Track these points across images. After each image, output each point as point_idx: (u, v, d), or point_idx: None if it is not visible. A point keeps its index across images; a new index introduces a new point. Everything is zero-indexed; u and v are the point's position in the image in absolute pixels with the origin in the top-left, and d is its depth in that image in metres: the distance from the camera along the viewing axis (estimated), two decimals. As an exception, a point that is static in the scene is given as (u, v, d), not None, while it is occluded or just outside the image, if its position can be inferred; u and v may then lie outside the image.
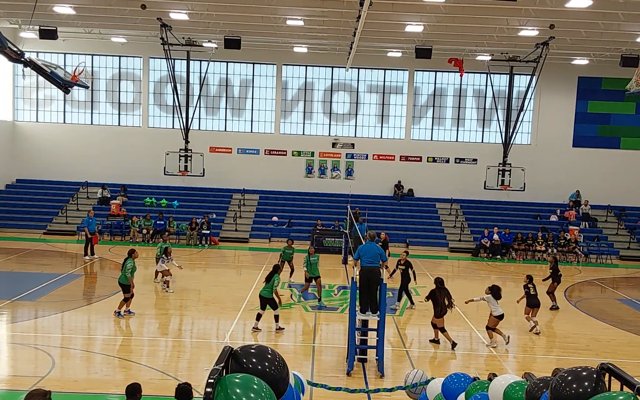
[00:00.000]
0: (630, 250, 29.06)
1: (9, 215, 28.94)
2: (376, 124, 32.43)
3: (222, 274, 22.05)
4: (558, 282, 17.83)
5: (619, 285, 23.32)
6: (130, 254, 15.17)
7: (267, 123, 32.26)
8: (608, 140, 32.03)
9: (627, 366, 6.56)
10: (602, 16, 21.13)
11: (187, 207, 30.18)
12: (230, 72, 32.07)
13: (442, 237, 29.72)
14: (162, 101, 32.05)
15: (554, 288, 17.77)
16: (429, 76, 32.19)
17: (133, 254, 15.23)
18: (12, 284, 18.37)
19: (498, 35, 23.87)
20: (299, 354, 12.98)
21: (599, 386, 4.07)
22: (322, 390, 9.62)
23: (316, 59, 31.19)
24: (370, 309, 12.02)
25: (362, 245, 12.61)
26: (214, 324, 15.26)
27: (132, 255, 15.15)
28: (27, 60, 18.46)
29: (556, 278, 17.75)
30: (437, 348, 13.88)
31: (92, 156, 31.42)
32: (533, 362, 13.21)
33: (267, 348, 4.35)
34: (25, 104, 32.04)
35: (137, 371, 11.41)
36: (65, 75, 20.86)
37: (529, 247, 27.74)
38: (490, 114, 31.60)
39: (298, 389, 5.17)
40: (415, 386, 8.34)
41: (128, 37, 29.29)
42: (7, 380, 10.85)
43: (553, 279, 17.77)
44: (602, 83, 31.43)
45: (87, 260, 22.26)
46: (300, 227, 29.25)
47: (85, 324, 14.73)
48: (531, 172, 29.91)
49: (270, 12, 22.39)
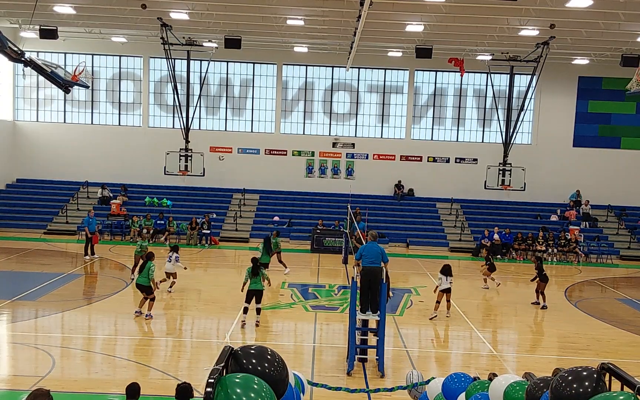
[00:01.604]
0: (630, 250, 29.04)
1: (9, 215, 28.95)
2: (376, 123, 32.43)
3: (223, 274, 22.05)
4: (545, 281, 17.81)
5: (620, 285, 23.31)
6: (150, 258, 15.16)
7: (268, 123, 32.26)
8: (608, 140, 32.02)
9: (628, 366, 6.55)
10: (602, 16, 21.11)
11: (188, 206, 30.19)
12: (230, 72, 32.07)
13: (442, 237, 29.72)
14: (163, 101, 32.06)
15: (542, 287, 17.80)
16: (429, 76, 32.18)
17: (153, 258, 15.23)
18: (12, 284, 18.36)
19: (498, 35, 23.87)
20: (299, 353, 12.97)
21: (600, 386, 4.07)
22: (323, 390, 9.61)
23: (316, 58, 31.19)
24: (370, 308, 12.02)
25: (363, 245, 12.60)
26: (214, 324, 15.26)
27: (152, 258, 15.17)
28: (28, 60, 18.45)
29: (543, 278, 17.77)
30: (436, 347, 13.88)
31: (92, 156, 31.43)
32: (533, 362, 13.20)
33: (267, 348, 4.36)
34: (25, 104, 32.05)
35: (138, 371, 11.41)
36: (66, 75, 20.86)
37: (529, 247, 27.72)
38: (491, 113, 31.59)
39: (298, 389, 5.17)
40: (416, 386, 8.34)
41: (128, 36, 29.29)
42: (7, 380, 10.85)
43: (540, 279, 17.82)
44: (603, 83, 31.42)
45: (87, 260, 22.26)
46: (301, 227, 29.26)
47: (86, 323, 14.73)
48: (531, 172, 29.90)
49: (271, 12, 22.38)
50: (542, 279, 17.78)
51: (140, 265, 15.23)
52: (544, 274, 17.79)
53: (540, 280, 17.80)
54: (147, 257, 15.34)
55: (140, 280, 14.84)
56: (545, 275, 17.81)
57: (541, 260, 18.58)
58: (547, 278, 17.94)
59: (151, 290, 14.81)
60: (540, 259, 18.55)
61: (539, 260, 18.36)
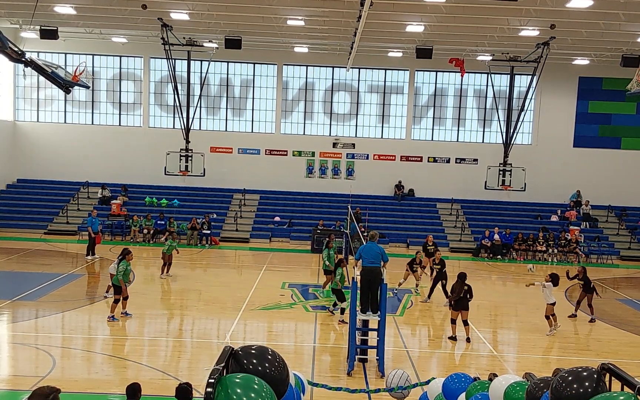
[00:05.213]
0: (630, 250, 29.04)
1: (9, 215, 28.96)
2: (377, 124, 32.43)
3: (223, 274, 22.05)
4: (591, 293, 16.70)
5: (620, 286, 23.30)
6: (125, 255, 14.77)
7: (268, 123, 32.26)
8: (609, 141, 32.02)
9: (628, 366, 6.56)
10: (602, 16, 21.12)
11: (188, 207, 30.19)
12: (231, 72, 32.08)
13: (442, 237, 29.67)
14: (163, 101, 32.07)
15: (590, 299, 16.65)
16: (429, 76, 32.18)
17: (127, 256, 14.80)
18: (13, 284, 18.36)
19: (499, 35, 23.87)
20: (299, 354, 12.97)
21: (600, 386, 4.07)
22: (323, 391, 9.62)
23: (317, 59, 31.19)
24: (370, 309, 12.02)
25: (363, 246, 12.59)
26: (215, 324, 15.26)
27: (127, 257, 14.75)
28: (28, 60, 18.46)
29: (589, 289, 16.67)
30: (437, 347, 13.87)
31: (92, 156, 31.44)
32: (533, 362, 13.20)
33: (268, 348, 4.36)
34: (26, 104, 32.06)
35: (138, 371, 11.42)
36: (66, 75, 20.87)
37: (529, 247, 27.72)
38: (491, 114, 31.59)
39: (298, 389, 5.17)
40: (402, 389, 8.34)
41: (129, 37, 29.30)
42: (7, 380, 10.85)
43: (586, 290, 16.68)
44: (603, 83, 31.42)
45: (88, 260, 22.27)
46: (301, 227, 29.26)
47: (86, 323, 14.72)
48: (532, 172, 29.89)
49: (271, 12, 22.39)
50: (588, 290, 16.64)
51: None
52: (592, 286, 16.59)
53: (586, 291, 16.76)
54: (122, 253, 14.88)
55: (113, 280, 14.80)
56: (592, 287, 16.60)
57: (585, 270, 17.11)
58: (592, 290, 16.62)
59: (120, 290, 14.57)
60: (585, 270, 17.07)
61: (584, 270, 17.03)
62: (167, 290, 18.62)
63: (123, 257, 14.74)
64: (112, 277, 15.24)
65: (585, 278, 16.77)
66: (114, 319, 14.51)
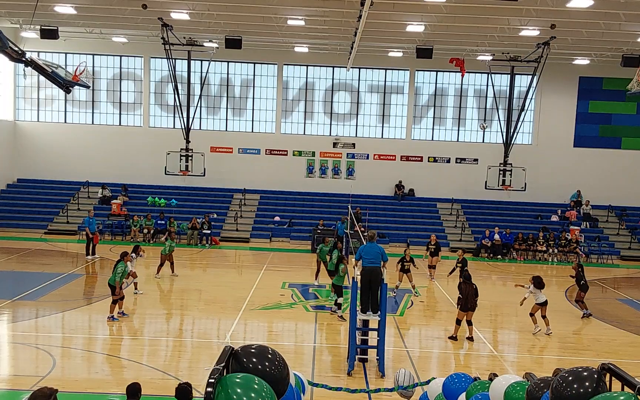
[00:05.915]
0: (631, 250, 29.03)
1: (10, 215, 28.97)
2: (377, 123, 32.43)
3: (223, 274, 22.04)
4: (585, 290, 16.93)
5: (620, 286, 23.30)
6: (123, 257, 15.03)
7: (268, 123, 32.26)
8: (609, 141, 32.01)
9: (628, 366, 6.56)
10: (603, 16, 21.11)
11: (188, 206, 30.19)
12: (231, 72, 32.08)
13: (442, 237, 29.63)
14: (163, 101, 32.07)
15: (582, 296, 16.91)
16: (429, 76, 32.18)
17: (125, 257, 15.08)
18: (13, 284, 18.38)
19: (499, 35, 23.86)
20: (300, 353, 12.97)
21: (600, 386, 4.07)
22: (323, 390, 9.61)
23: (317, 58, 31.19)
24: (370, 309, 12.02)
25: (363, 246, 12.60)
26: (215, 324, 15.26)
27: (125, 259, 15.00)
28: (28, 60, 18.45)
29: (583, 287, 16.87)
30: (437, 347, 13.87)
31: (93, 156, 31.44)
32: (534, 362, 13.20)
33: (268, 348, 4.35)
34: (26, 104, 32.06)
35: (138, 371, 11.41)
36: (67, 74, 20.87)
37: (529, 247, 27.71)
38: (491, 113, 31.58)
39: (299, 389, 5.16)
40: (407, 388, 8.35)
41: (129, 36, 29.30)
42: (7, 380, 10.85)
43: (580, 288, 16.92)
44: (603, 83, 31.41)
45: (89, 259, 22.28)
46: (301, 227, 29.26)
47: (86, 323, 14.72)
48: (532, 172, 29.89)
49: (271, 12, 22.38)
50: (583, 288, 16.88)
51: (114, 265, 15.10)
52: (582, 283, 16.84)
53: (580, 289, 16.89)
54: (120, 256, 15.11)
55: (109, 280, 14.82)
56: (585, 284, 16.87)
57: (582, 267, 17.29)
58: (587, 287, 16.97)
59: (115, 290, 14.61)
60: (581, 267, 17.25)
61: (581, 268, 17.15)
62: (167, 290, 18.62)
63: (121, 259, 14.92)
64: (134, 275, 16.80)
65: (577, 274, 17.01)
66: (114, 319, 14.58)
